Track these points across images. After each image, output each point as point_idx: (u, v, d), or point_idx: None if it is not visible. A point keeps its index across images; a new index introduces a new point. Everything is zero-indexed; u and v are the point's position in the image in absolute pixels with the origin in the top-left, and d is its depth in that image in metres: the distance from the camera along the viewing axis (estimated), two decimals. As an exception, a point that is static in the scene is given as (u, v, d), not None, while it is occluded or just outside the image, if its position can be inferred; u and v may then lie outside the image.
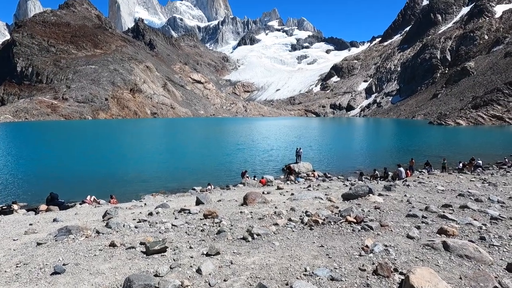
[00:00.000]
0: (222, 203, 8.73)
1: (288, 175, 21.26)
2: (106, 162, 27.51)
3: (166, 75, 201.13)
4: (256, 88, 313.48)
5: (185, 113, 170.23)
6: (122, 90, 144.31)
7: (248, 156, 30.40)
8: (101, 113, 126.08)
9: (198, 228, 5.55)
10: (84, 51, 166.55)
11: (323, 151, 34.12)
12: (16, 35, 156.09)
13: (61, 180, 19.85)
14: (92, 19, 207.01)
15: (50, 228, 6.66)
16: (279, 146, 38.06)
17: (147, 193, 16.22)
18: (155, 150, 37.91)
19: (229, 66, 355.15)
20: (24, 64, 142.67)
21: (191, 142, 47.39)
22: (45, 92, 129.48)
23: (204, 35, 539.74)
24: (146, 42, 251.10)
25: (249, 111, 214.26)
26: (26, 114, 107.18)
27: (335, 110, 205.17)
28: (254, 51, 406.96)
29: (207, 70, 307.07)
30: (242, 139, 47.30)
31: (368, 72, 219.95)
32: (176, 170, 24.05)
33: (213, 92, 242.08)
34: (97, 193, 15.53)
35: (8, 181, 19.67)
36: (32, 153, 33.07)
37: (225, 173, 22.46)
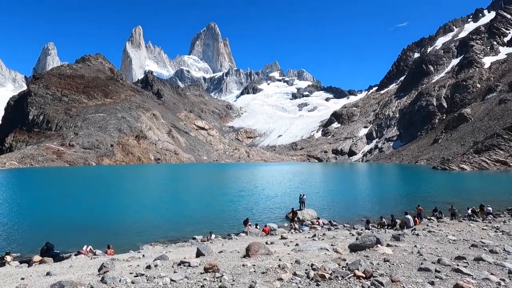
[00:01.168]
0: (223, 255, 8.35)
1: (292, 221, 20.59)
2: (105, 210, 27.01)
3: (171, 122, 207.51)
4: (259, 134, 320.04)
5: (188, 159, 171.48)
6: (128, 137, 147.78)
7: (251, 203, 29.81)
8: (106, 159, 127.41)
9: (198, 284, 5.24)
10: (95, 100, 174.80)
11: (328, 198, 33.46)
12: (32, 86, 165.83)
13: (57, 229, 19.30)
14: (105, 72, 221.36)
15: (43, 283, 6.31)
16: (282, 193, 37.49)
17: (145, 243, 15.62)
18: (156, 196, 37.42)
19: (233, 114, 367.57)
20: (36, 113, 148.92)
21: (193, 189, 46.92)
22: (53, 139, 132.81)
23: (209, 85, 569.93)
24: (154, 92, 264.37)
25: (252, 157, 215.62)
26: (32, 160, 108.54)
27: (337, 155, 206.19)
28: (257, 99, 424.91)
29: (211, 117, 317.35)
30: (244, 185, 46.83)
31: (368, 119, 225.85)
32: (176, 217, 23.44)
33: (216, 138, 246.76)
34: (94, 243, 15.01)
35: (3, 230, 19.16)
36: (30, 201, 32.71)
37: (227, 221, 21.82)
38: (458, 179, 54.83)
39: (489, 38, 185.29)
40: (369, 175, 78.20)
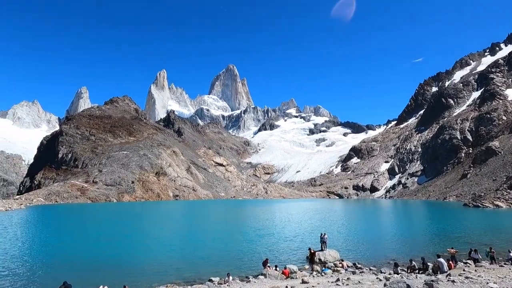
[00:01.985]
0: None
1: (312, 263, 19.43)
2: (123, 248, 26.88)
3: (190, 159, 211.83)
4: (276, 170, 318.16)
5: (206, 195, 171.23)
6: (148, 173, 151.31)
7: (270, 242, 28.70)
8: (126, 195, 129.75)
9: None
10: (119, 139, 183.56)
11: (351, 237, 31.68)
12: (64, 127, 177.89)
13: (75, 267, 19.29)
14: (131, 112, 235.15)
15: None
16: (303, 232, 35.98)
17: (161, 284, 15.21)
18: (173, 235, 37.01)
19: (250, 150, 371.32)
20: (65, 151, 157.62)
21: (210, 227, 46.15)
22: (79, 176, 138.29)
23: (227, 122, 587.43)
24: (175, 130, 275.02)
25: (270, 193, 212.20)
26: (57, 197, 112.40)
27: (359, 191, 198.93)
28: (274, 135, 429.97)
29: (229, 153, 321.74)
30: (263, 223, 45.55)
31: (388, 153, 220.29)
32: (193, 257, 22.84)
33: (234, 174, 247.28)
34: (110, 283, 14.78)
35: (24, 268, 19.38)
36: (50, 238, 33.29)
37: (245, 262, 20.96)
38: (494, 218, 50.66)
39: (509, 71, 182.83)
40: (395, 212, 74.08)
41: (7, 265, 19.29)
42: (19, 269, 18.82)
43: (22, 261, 20.92)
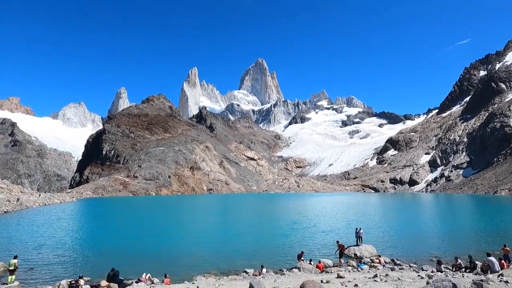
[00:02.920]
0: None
1: (339, 257, 18.95)
2: (162, 239, 28.40)
3: (222, 154, 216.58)
4: (308, 163, 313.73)
5: (238, 189, 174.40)
6: (183, 168, 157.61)
7: (304, 236, 28.55)
8: (164, 189, 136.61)
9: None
10: (156, 136, 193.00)
11: (389, 232, 30.41)
12: (106, 125, 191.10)
13: (120, 256, 20.76)
14: (165, 110, 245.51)
15: (110, 308, 6.78)
16: (337, 226, 35.26)
17: (199, 274, 15.85)
18: (208, 227, 38.29)
19: (281, 143, 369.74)
20: (108, 148, 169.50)
21: (244, 220, 47.02)
22: (121, 171, 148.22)
23: (258, 117, 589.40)
24: (207, 126, 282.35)
25: (302, 187, 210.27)
26: (103, 190, 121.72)
27: (396, 185, 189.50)
28: (305, 128, 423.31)
29: (260, 147, 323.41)
30: (296, 217, 45.38)
31: (429, 144, 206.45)
32: (228, 249, 23.49)
33: (265, 168, 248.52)
34: (152, 271, 15.69)
35: (76, 255, 21.34)
36: (98, 228, 36.19)
37: (279, 255, 21.10)
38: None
39: None
40: (437, 207, 69.55)
41: (61, 253, 21.38)
42: (72, 256, 20.77)
43: (74, 249, 23.06)
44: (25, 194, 75.70)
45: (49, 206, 63.64)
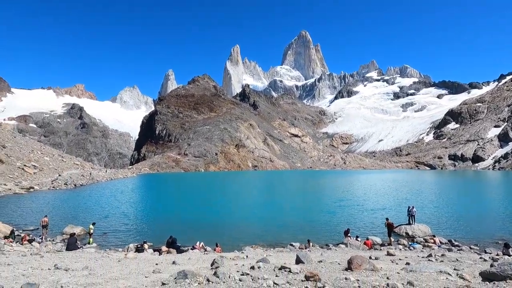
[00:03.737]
0: (323, 265, 8.15)
1: (388, 235, 18.19)
2: (212, 212, 30.34)
3: (266, 131, 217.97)
4: (355, 139, 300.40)
5: (282, 166, 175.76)
6: (229, 146, 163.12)
7: (350, 214, 28.03)
8: (211, 166, 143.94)
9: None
10: (202, 115, 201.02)
11: (446, 212, 28.25)
12: (158, 107, 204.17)
13: (177, 226, 22.80)
14: (210, 89, 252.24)
15: (171, 270, 7.62)
16: (388, 204, 33.78)
17: (247, 245, 16.73)
18: (255, 202, 39.70)
19: (326, 119, 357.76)
20: (160, 128, 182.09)
21: (288, 196, 47.63)
22: (173, 149, 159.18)
23: (301, 92, 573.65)
24: (251, 104, 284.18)
25: (348, 164, 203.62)
26: (158, 167, 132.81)
27: (456, 161, 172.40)
28: (352, 102, 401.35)
29: (304, 124, 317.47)
30: (342, 194, 44.53)
31: (500, 116, 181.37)
32: (274, 223, 24.23)
33: (310, 145, 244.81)
34: (204, 240, 17.01)
35: (140, 224, 24.00)
36: (157, 200, 39.88)
37: (325, 231, 21.15)
38: None
39: None
40: (506, 186, 62.01)
41: (126, 222, 24.22)
42: (135, 225, 23.44)
43: (137, 219, 25.95)
44: (95, 170, 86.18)
45: (115, 180, 71.74)
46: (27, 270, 7.24)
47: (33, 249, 13.67)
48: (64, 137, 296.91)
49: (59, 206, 30.97)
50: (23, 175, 49.35)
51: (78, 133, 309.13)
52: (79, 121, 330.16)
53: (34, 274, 6.82)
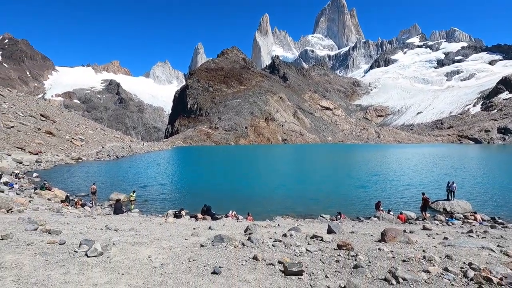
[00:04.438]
0: (355, 236, 8.17)
1: (422, 210, 17.52)
2: (243, 183, 31.28)
3: (296, 104, 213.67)
4: (391, 112, 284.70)
5: (313, 139, 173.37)
6: (259, 119, 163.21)
7: (383, 188, 27.32)
8: (241, 139, 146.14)
9: (333, 258, 5.40)
10: (232, 88, 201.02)
11: (489, 188, 26.43)
12: (189, 81, 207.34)
13: (211, 195, 23.95)
14: (239, 62, 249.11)
15: (207, 234, 8.13)
16: (425, 180, 32.32)
17: (277, 215, 17.21)
18: (285, 174, 40.09)
19: (360, 91, 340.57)
20: (192, 102, 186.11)
21: (319, 169, 47.33)
22: (204, 122, 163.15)
23: (334, 62, 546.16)
24: (280, 76, 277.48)
25: (383, 137, 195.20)
26: (191, 140, 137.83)
27: (507, 135, 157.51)
28: (389, 72, 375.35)
29: (336, 96, 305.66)
30: (376, 169, 43.26)
31: None
32: (304, 195, 24.46)
33: (342, 118, 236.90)
34: (236, 210, 17.75)
35: (177, 192, 25.53)
36: (190, 172, 41.80)
37: (355, 205, 20.97)
38: None
39: None
40: None
41: (163, 191, 25.86)
42: (172, 193, 24.98)
43: (172, 189, 27.58)
44: (133, 143, 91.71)
45: (151, 153, 76.03)
46: (83, 229, 8.16)
47: (86, 212, 15.27)
48: (104, 112, 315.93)
49: (104, 175, 33.82)
50: (71, 147, 54.03)
51: (116, 108, 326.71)
52: (117, 96, 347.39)
53: (89, 232, 7.67)
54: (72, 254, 5.34)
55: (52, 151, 46.35)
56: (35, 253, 5.28)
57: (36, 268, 4.58)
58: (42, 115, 59.75)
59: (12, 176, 26.18)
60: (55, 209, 14.30)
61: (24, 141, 44.96)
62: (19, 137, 45.61)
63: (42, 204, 15.92)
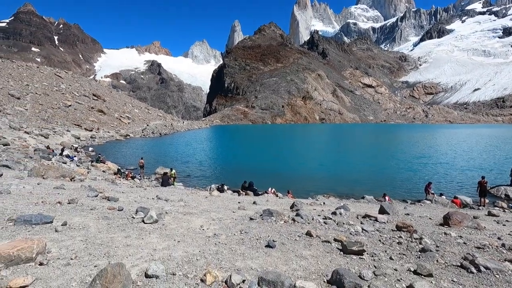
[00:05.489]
0: (412, 218, 7.55)
1: (481, 196, 15.77)
2: (281, 161, 31.11)
3: (335, 82, 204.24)
4: (443, 89, 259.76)
5: (352, 119, 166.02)
6: (296, 98, 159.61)
7: (435, 171, 25.26)
8: (278, 118, 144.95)
9: (393, 240, 4.97)
10: (269, 66, 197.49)
11: None
12: (226, 60, 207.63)
13: (248, 172, 24.14)
14: (277, 38, 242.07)
15: (253, 208, 8.11)
16: (484, 164, 29.25)
17: (317, 194, 16.82)
18: (324, 153, 39.07)
19: (407, 66, 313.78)
20: (229, 81, 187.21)
21: (360, 149, 45.32)
22: (240, 102, 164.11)
23: (378, 36, 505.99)
24: (319, 52, 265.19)
25: (431, 117, 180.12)
26: (228, 119, 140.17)
27: None
28: (443, 44, 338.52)
29: (380, 72, 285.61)
30: (424, 151, 40.19)
31: None
32: (344, 175, 23.61)
33: (385, 96, 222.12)
34: (277, 186, 17.68)
35: (216, 169, 26.20)
36: (229, 149, 42.60)
37: (402, 187, 19.72)
38: None
39: None
40: None
41: (203, 167, 26.71)
42: (211, 170, 25.74)
43: (212, 165, 28.38)
44: (174, 121, 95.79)
45: (191, 131, 78.93)
46: (136, 198, 8.63)
47: (136, 183, 16.33)
48: (147, 91, 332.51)
49: (149, 151, 35.94)
50: (120, 125, 58.02)
51: (158, 88, 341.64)
52: (158, 76, 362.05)
53: (143, 201, 8.07)
54: (130, 220, 5.59)
55: (104, 128, 50.23)
56: (98, 217, 5.62)
57: (100, 230, 4.85)
58: (94, 95, 64.52)
59: (71, 149, 28.91)
60: (110, 180, 15.49)
61: (80, 119, 49.21)
62: (76, 115, 49.97)
63: (99, 175, 17.36)
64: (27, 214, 5.07)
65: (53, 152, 24.78)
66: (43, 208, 5.94)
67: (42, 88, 52.87)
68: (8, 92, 44.63)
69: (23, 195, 7.17)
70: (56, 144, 30.00)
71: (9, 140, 23.77)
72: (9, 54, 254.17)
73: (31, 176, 11.99)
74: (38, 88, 52.35)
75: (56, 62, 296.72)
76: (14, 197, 6.76)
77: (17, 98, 44.61)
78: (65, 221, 5.05)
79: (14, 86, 48.20)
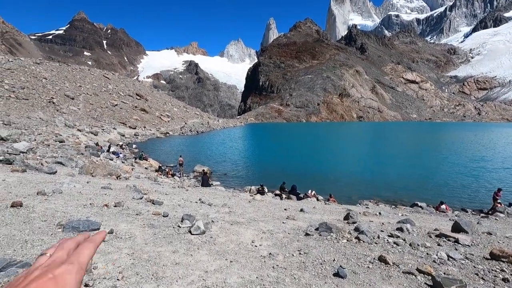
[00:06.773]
0: (498, 239, 6.24)
1: None
2: (318, 161, 29.81)
3: (375, 78, 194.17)
4: (499, 83, 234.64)
5: (393, 117, 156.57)
6: (332, 95, 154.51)
7: (496, 176, 22.36)
8: (313, 116, 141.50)
9: (495, 275, 3.95)
10: (304, 64, 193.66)
11: None
12: (261, 58, 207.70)
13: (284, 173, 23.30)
14: (312, 35, 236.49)
15: (302, 217, 7.38)
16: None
17: (361, 199, 15.58)
18: (363, 154, 36.91)
19: (457, 59, 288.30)
20: (263, 79, 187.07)
21: (404, 150, 42.12)
22: (275, 100, 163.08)
23: (424, 27, 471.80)
24: (357, 47, 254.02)
25: (485, 115, 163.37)
26: (262, 117, 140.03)
27: None
28: (500, 34, 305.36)
29: (424, 67, 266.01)
30: (481, 152, 36.11)
31: None
32: (388, 179, 21.76)
33: (430, 93, 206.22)
34: (316, 189, 16.70)
35: (252, 168, 25.76)
36: (264, 149, 42.06)
37: (456, 193, 17.55)
38: None
39: None
40: None
41: (239, 166, 26.42)
42: (246, 170, 25.31)
43: (248, 164, 28.02)
44: (211, 119, 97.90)
45: (227, 129, 79.91)
46: (180, 201, 8.37)
47: (177, 182, 16.43)
48: (185, 91, 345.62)
49: (188, 149, 36.73)
50: (160, 123, 60.48)
51: (195, 87, 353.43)
52: (195, 76, 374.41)
53: (186, 205, 7.76)
54: (177, 229, 5.21)
55: (146, 126, 52.68)
56: (144, 224, 5.32)
57: (147, 242, 4.50)
58: (137, 95, 68.08)
59: (117, 146, 30.49)
60: (152, 178, 15.75)
61: (125, 117, 52.09)
62: (121, 113, 53.00)
63: (142, 173, 17.82)
64: (75, 219, 4.91)
65: (101, 148, 26.25)
66: (91, 211, 5.82)
67: (92, 89, 56.92)
68: (64, 93, 48.64)
69: (73, 195, 7.22)
70: (104, 141, 31.85)
71: (64, 137, 25.60)
72: (65, 58, 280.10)
73: (81, 173, 12.49)
74: (89, 89, 56.44)
75: (104, 65, 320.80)
76: (65, 197, 6.80)
77: (72, 98, 48.45)
78: (112, 228, 4.79)
79: (69, 88, 52.44)
